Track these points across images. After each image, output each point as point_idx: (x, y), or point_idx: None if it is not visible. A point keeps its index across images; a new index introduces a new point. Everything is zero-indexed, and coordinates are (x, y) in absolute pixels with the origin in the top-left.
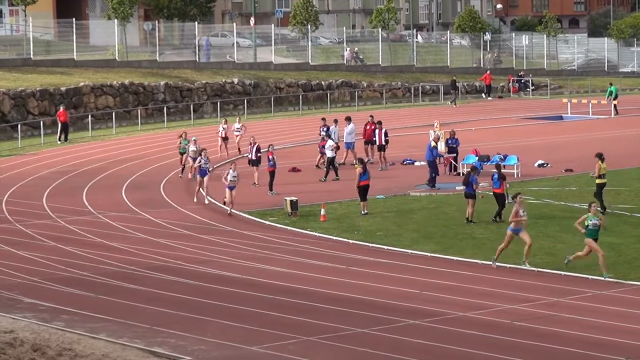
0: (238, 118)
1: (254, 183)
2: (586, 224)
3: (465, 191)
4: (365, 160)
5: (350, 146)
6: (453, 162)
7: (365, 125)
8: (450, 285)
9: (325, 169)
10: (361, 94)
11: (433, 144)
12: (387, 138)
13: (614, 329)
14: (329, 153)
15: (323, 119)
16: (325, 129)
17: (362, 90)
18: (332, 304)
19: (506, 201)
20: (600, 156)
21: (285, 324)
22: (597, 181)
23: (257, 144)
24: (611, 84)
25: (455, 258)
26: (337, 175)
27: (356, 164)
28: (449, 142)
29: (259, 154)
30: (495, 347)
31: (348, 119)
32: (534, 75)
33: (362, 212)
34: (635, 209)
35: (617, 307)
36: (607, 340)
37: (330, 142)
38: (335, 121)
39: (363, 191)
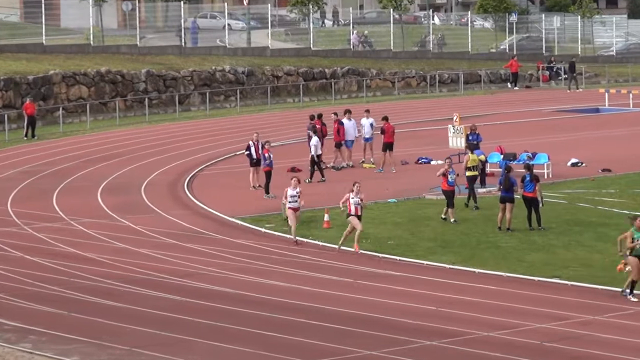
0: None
1: (253, 186)
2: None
3: (503, 195)
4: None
5: (369, 140)
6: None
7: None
8: (471, 301)
9: (312, 169)
10: (370, 84)
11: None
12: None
13: None
14: (314, 150)
15: (335, 113)
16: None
17: (371, 79)
18: (337, 323)
19: (540, 206)
20: None
21: (283, 346)
22: None
23: (260, 142)
24: None
25: (477, 270)
26: (322, 176)
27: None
28: (470, 137)
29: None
30: None
31: (367, 111)
32: (567, 61)
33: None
34: None
35: None
36: None
37: (315, 139)
38: (368, 111)
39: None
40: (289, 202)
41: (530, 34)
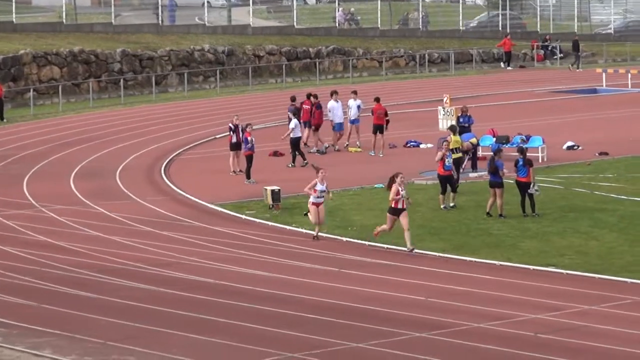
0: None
1: (233, 171)
2: None
3: (491, 180)
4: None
5: (355, 122)
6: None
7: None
8: (462, 290)
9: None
10: (356, 64)
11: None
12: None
13: None
14: (293, 133)
15: (314, 96)
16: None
17: (358, 58)
18: (322, 314)
19: (533, 191)
20: None
21: (266, 338)
22: None
23: (241, 125)
24: None
25: (468, 258)
26: (304, 159)
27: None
28: (461, 120)
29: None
30: None
31: (354, 93)
32: (562, 40)
33: None
34: None
35: None
36: None
37: (294, 122)
38: (355, 93)
39: None
40: (316, 197)
41: (508, 11)
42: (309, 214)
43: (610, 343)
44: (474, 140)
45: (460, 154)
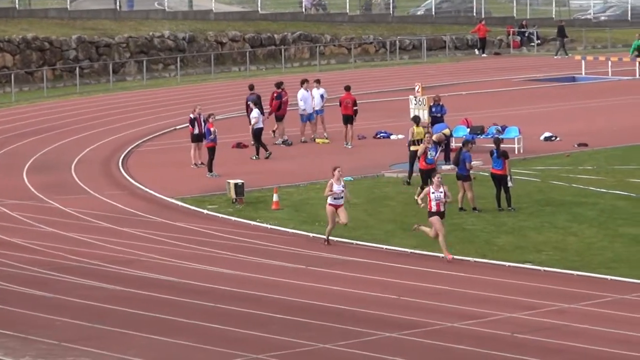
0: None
1: (195, 163)
2: None
3: (457, 172)
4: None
5: (320, 113)
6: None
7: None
8: (435, 288)
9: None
10: (324, 50)
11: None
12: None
13: (638, 342)
14: (255, 123)
15: (305, 80)
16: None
17: (325, 45)
18: (288, 314)
19: (509, 185)
20: None
21: (229, 339)
22: None
23: (203, 115)
24: (639, 36)
25: (441, 255)
26: (267, 150)
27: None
28: (433, 110)
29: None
30: None
31: (317, 82)
32: (540, 25)
33: None
34: None
35: None
36: (630, 357)
37: (255, 112)
38: (318, 81)
39: None
40: (334, 198)
41: None
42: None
43: (589, 343)
44: (446, 131)
45: (420, 146)
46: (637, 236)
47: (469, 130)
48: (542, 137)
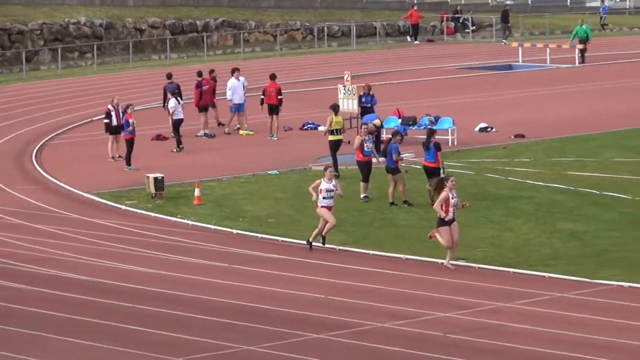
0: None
1: (112, 157)
2: None
3: (386, 165)
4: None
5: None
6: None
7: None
8: (365, 287)
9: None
10: (248, 37)
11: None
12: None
13: (577, 343)
14: (177, 115)
15: (236, 69)
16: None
17: (250, 32)
18: (211, 314)
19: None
20: None
21: (149, 341)
22: None
23: (121, 106)
24: (582, 22)
25: (371, 252)
26: (179, 145)
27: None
28: (363, 99)
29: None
30: None
31: (237, 70)
32: (475, 11)
33: None
34: (605, 185)
35: (582, 313)
36: (567, 357)
37: (172, 102)
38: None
39: None
40: (324, 197)
41: None
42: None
43: (524, 343)
44: (377, 121)
45: (340, 136)
46: (576, 232)
47: (400, 121)
48: (477, 128)
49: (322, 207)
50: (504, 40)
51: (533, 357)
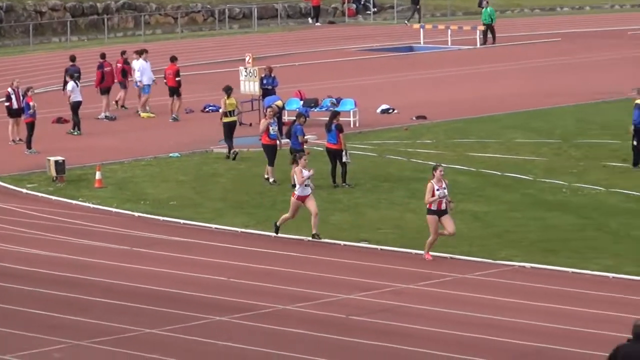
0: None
1: (12, 140)
2: None
3: (291, 146)
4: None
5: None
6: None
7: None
8: (267, 270)
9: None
10: (149, 20)
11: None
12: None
13: (480, 324)
14: (76, 97)
15: (144, 50)
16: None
17: (150, 14)
18: (112, 297)
19: (345, 160)
20: None
21: (49, 325)
22: None
23: (21, 89)
24: (487, 4)
25: (273, 234)
26: (74, 128)
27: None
28: (264, 81)
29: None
30: (324, 349)
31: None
32: None
33: None
34: (507, 166)
35: (484, 294)
36: (469, 338)
37: (70, 85)
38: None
39: None
40: (302, 187)
41: None
42: (280, 219)
43: (427, 324)
44: (279, 102)
45: (234, 118)
46: (478, 212)
47: (302, 102)
48: (378, 110)
49: (299, 197)
50: (406, 21)
51: (436, 338)
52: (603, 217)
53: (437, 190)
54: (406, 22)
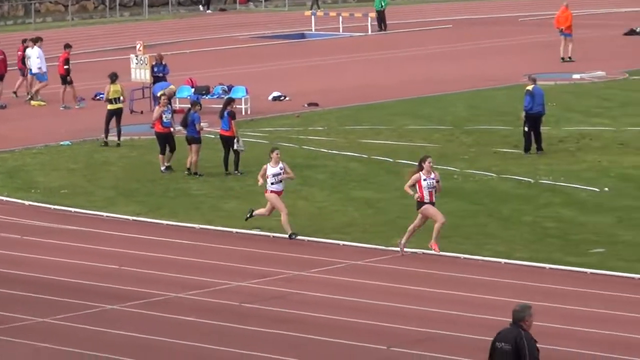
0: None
1: None
2: None
3: (187, 135)
4: None
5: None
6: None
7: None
8: (160, 258)
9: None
10: (39, 8)
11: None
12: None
13: (373, 311)
14: None
15: (38, 38)
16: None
17: (41, 2)
18: (2, 287)
19: (238, 147)
20: None
21: None
22: None
23: None
24: None
25: (165, 222)
26: None
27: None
28: (155, 69)
29: None
30: (217, 337)
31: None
32: None
33: None
34: (399, 153)
35: (377, 281)
36: (362, 325)
37: None
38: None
39: None
40: (271, 183)
41: None
42: (256, 212)
43: (320, 311)
44: (172, 87)
45: (119, 105)
46: (370, 199)
47: (193, 90)
48: (270, 97)
49: (272, 192)
50: (312, 10)
51: (328, 325)
52: (495, 203)
53: (425, 180)
54: (312, 10)
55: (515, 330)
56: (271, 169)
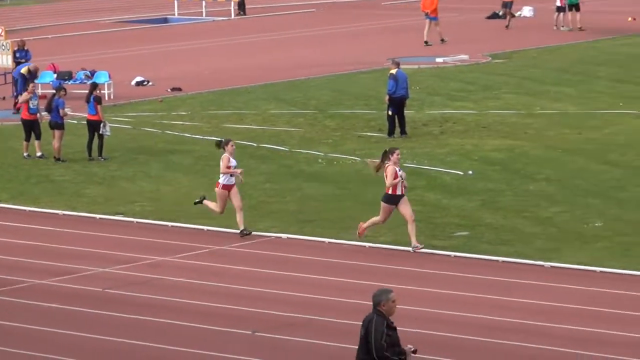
0: None
1: None
2: None
3: (51, 120)
4: None
5: None
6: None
7: None
8: (23, 244)
9: None
10: None
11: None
12: None
13: (238, 295)
14: None
15: None
16: None
17: None
18: None
19: (104, 132)
20: None
21: None
22: None
23: None
24: None
25: (27, 208)
26: None
27: None
28: (17, 55)
29: None
30: (81, 323)
31: None
32: None
33: None
34: (263, 137)
35: (242, 266)
36: (228, 310)
37: None
38: None
39: None
40: (227, 175)
41: None
42: (206, 201)
43: (184, 296)
44: (32, 65)
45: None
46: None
47: (56, 75)
48: (133, 82)
49: (225, 187)
50: None
51: (192, 310)
52: (359, 187)
53: (400, 171)
54: None
55: (371, 315)
56: (233, 161)
